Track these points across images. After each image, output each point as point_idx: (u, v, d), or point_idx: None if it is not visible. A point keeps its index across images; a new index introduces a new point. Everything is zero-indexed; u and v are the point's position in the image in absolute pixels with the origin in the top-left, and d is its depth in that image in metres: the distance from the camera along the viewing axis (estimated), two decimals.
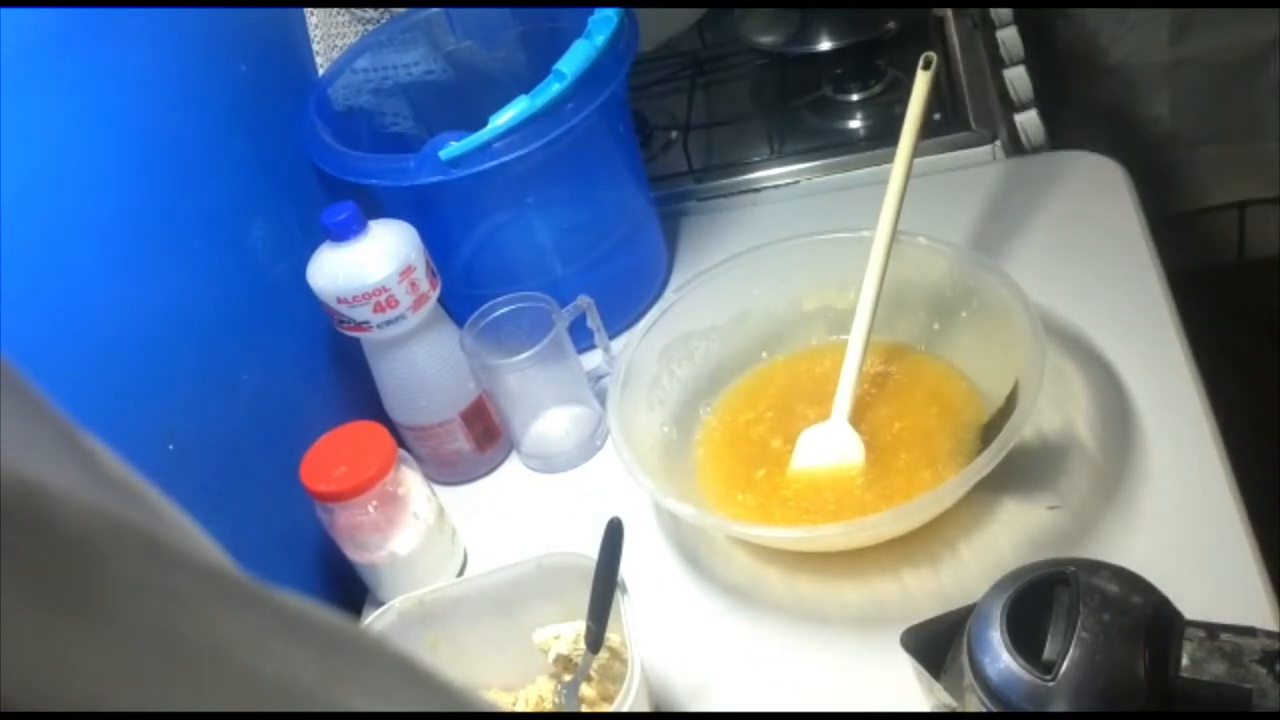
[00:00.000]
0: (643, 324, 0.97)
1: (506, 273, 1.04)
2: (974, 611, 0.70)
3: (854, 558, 0.86)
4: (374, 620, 0.80)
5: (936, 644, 0.72)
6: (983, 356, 0.92)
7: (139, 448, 0.78)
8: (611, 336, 1.05)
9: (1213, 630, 0.66)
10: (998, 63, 1.23)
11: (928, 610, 0.75)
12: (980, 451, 0.81)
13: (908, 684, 0.75)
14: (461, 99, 1.09)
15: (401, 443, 0.95)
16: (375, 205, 0.97)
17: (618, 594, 0.75)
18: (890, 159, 1.18)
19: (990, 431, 0.84)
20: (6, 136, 0.71)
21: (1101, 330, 0.95)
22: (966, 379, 0.93)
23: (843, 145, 1.22)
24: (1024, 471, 0.86)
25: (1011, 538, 0.84)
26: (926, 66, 0.90)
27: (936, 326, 0.96)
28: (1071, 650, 0.64)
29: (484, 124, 0.93)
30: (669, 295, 1.00)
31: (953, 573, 0.83)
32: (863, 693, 0.79)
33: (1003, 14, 1.28)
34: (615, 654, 0.79)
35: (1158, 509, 0.83)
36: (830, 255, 0.98)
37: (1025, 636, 0.66)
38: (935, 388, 0.94)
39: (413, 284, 0.93)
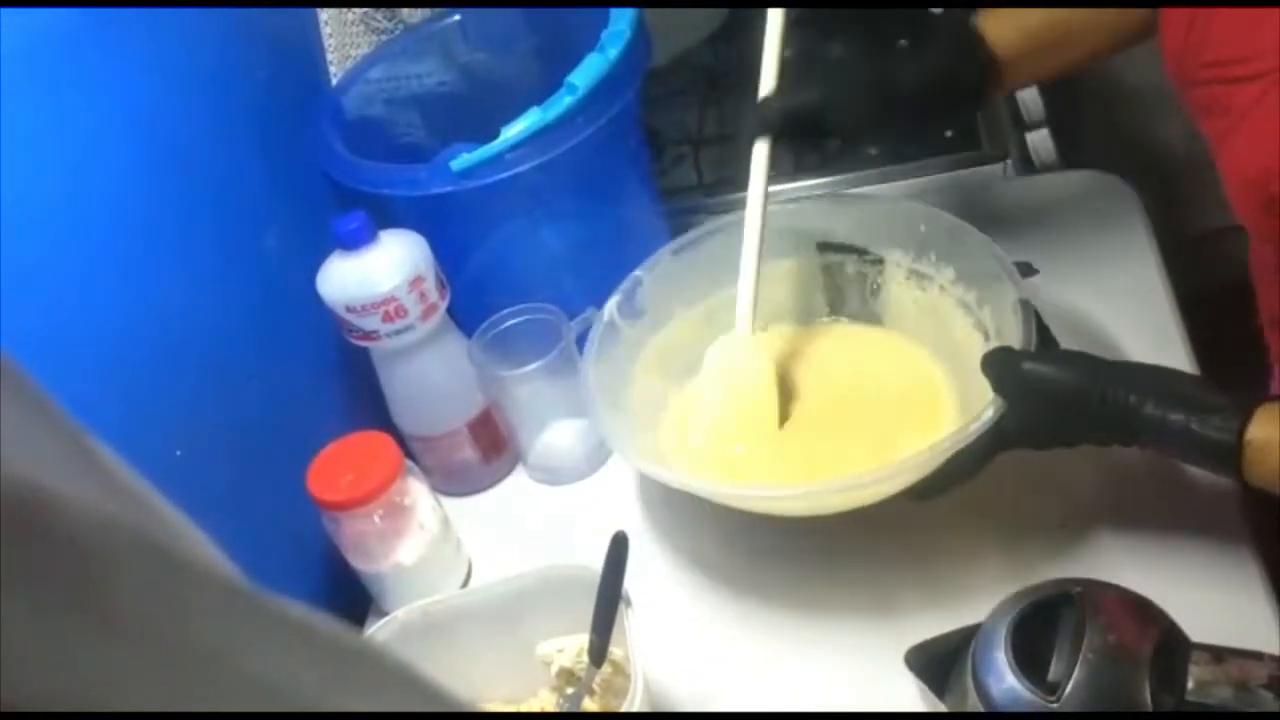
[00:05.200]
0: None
1: (515, 284, 1.04)
2: (979, 631, 0.70)
3: (859, 572, 0.86)
4: (377, 630, 0.80)
5: (941, 663, 0.72)
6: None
7: (146, 454, 0.77)
8: None
9: (1219, 654, 0.65)
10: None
11: (932, 629, 0.75)
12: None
13: (912, 703, 0.75)
14: (474, 110, 1.09)
15: (408, 453, 0.95)
16: (387, 215, 0.97)
17: (621, 607, 0.75)
18: (900, 175, 1.18)
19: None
20: (19, 139, 0.71)
21: (1112, 351, 0.95)
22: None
23: (852, 160, 1.21)
24: (1031, 490, 0.86)
25: (1017, 558, 0.84)
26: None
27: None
28: (1076, 671, 0.64)
29: (496, 136, 0.93)
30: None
31: (957, 592, 0.82)
32: (866, 708, 0.79)
33: None
34: (618, 668, 0.79)
35: (1165, 531, 0.83)
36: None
37: (1030, 657, 0.66)
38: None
39: (422, 294, 0.93)
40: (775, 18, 0.90)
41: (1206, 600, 0.76)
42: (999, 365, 0.77)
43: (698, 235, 1.00)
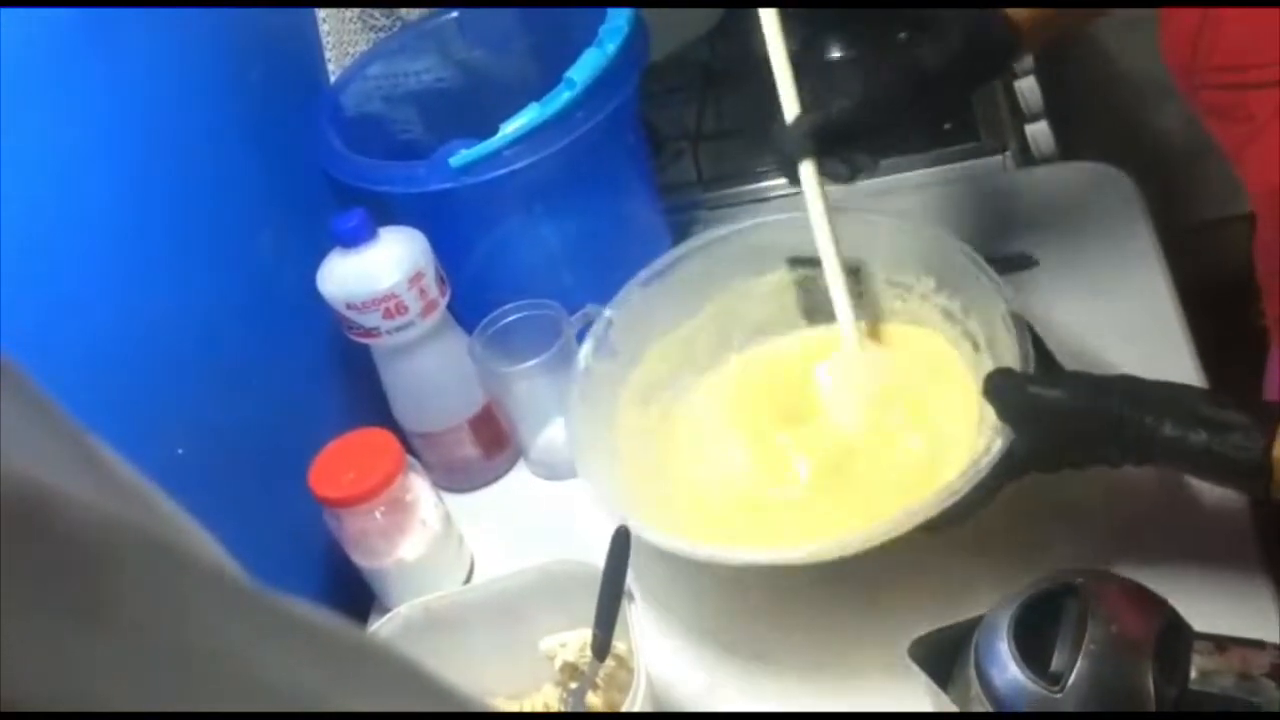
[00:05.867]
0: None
1: (515, 280, 1.04)
2: (982, 622, 0.70)
3: (861, 565, 0.86)
4: (380, 626, 0.80)
5: (944, 654, 0.72)
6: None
7: (148, 452, 0.78)
8: None
9: (1221, 643, 0.65)
10: (1008, 73, 1.23)
11: (935, 620, 0.75)
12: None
13: (915, 694, 0.75)
14: (472, 107, 1.09)
15: (410, 449, 0.95)
16: (386, 213, 0.97)
17: (624, 602, 0.75)
18: (899, 169, 1.18)
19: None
20: (14, 138, 0.71)
21: (1111, 342, 0.95)
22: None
23: None
24: (1033, 482, 0.86)
25: (1019, 549, 0.84)
26: None
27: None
28: (1079, 662, 0.64)
29: (495, 132, 0.93)
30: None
31: (959, 584, 0.82)
32: (869, 703, 0.79)
33: None
34: (621, 662, 0.79)
35: (1166, 521, 0.83)
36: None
37: (1033, 648, 0.66)
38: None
39: (422, 290, 0.93)
40: (772, 27, 0.87)
41: (1208, 590, 0.77)
42: (1002, 390, 0.74)
43: (663, 265, 0.97)
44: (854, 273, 0.93)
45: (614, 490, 0.86)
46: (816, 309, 0.97)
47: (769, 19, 0.87)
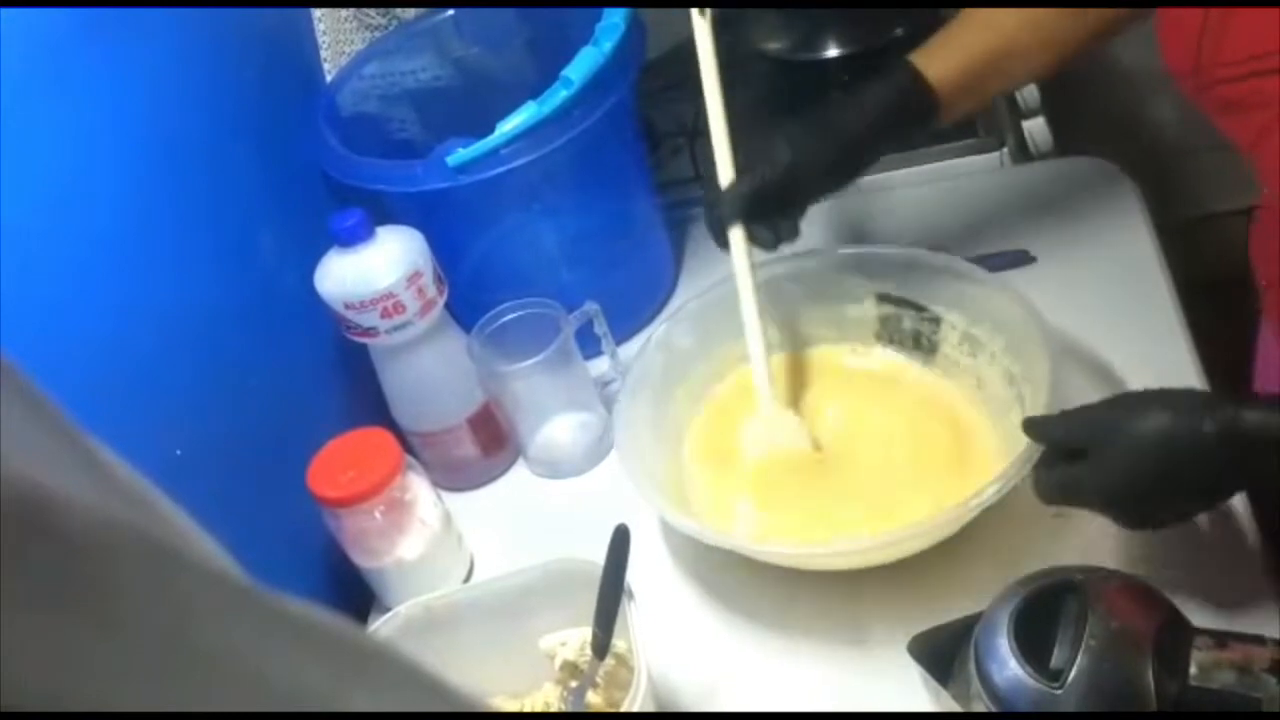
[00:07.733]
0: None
1: (513, 279, 1.04)
2: (981, 619, 0.70)
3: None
4: (380, 626, 0.80)
5: (944, 651, 0.72)
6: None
7: (147, 453, 0.77)
8: (618, 343, 1.04)
9: (1221, 639, 0.65)
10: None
11: (935, 617, 0.75)
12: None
13: (915, 691, 0.75)
14: (469, 105, 1.09)
15: (409, 449, 0.95)
16: (383, 212, 0.97)
17: (624, 600, 0.75)
18: (897, 165, 1.18)
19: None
20: (13, 140, 0.71)
21: (1109, 337, 0.95)
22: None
23: None
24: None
25: (1019, 545, 0.84)
26: None
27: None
28: (1079, 658, 0.64)
29: (491, 130, 0.93)
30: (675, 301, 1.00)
31: (960, 580, 0.82)
32: (869, 700, 0.79)
33: None
34: (621, 660, 0.79)
35: None
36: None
37: (1033, 644, 0.66)
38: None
39: (420, 290, 0.93)
40: (714, 94, 0.90)
41: (1208, 586, 0.77)
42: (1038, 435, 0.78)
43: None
44: (934, 320, 0.96)
45: (645, 474, 0.88)
46: (892, 339, 0.99)
47: (710, 81, 0.90)
